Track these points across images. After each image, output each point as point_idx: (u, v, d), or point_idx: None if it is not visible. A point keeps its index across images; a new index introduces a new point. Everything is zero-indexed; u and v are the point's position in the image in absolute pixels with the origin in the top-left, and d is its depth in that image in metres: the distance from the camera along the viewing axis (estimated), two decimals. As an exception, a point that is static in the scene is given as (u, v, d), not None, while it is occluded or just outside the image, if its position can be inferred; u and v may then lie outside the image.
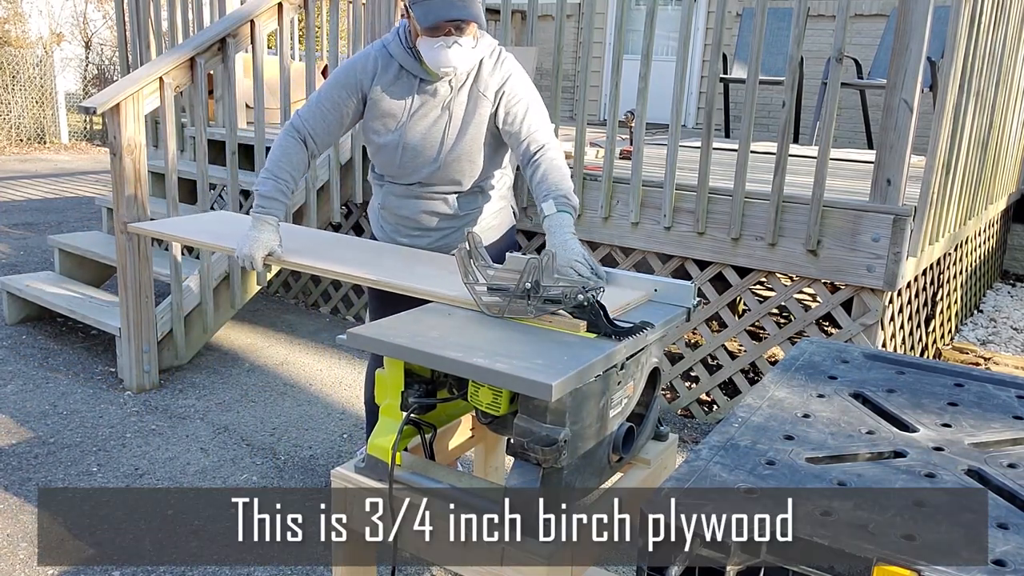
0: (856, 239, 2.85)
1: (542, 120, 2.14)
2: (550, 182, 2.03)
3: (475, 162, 2.17)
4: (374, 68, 2.12)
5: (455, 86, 2.11)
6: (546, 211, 1.99)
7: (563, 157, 2.12)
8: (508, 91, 2.11)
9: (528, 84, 2.16)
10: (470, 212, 2.25)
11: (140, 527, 2.44)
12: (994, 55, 3.52)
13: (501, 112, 2.12)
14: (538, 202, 2.02)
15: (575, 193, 2.09)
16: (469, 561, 1.44)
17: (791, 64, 2.87)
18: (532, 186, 2.07)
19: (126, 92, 3.12)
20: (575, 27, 7.93)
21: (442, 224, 2.25)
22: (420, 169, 2.17)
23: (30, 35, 14.10)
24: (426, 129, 2.13)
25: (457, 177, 2.18)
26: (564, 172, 2.07)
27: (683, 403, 3.41)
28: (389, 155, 2.17)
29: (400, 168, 2.18)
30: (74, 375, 3.54)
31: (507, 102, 2.11)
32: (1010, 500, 1.05)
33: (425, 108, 2.12)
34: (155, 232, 2.22)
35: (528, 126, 2.11)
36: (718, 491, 1.05)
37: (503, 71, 2.12)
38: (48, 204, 7.43)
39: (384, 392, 1.59)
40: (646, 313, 1.69)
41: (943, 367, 1.55)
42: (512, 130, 2.12)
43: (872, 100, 6.50)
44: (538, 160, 2.08)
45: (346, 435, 3.09)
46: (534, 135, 2.11)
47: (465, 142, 2.13)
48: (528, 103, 2.13)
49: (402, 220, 2.27)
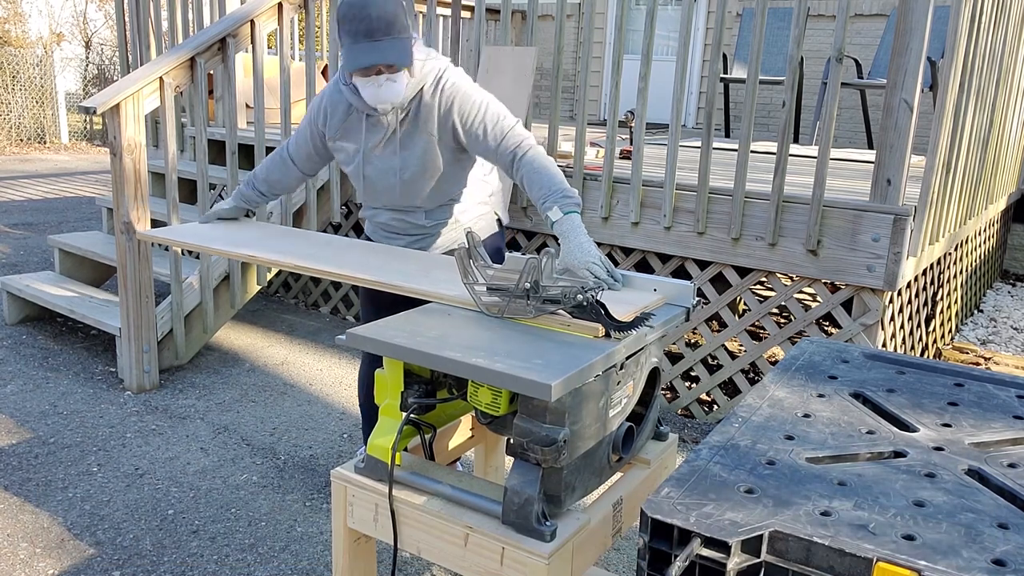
0: (856, 239, 2.85)
1: (505, 123, 2.08)
2: (542, 184, 1.98)
3: (431, 185, 2.18)
4: (325, 110, 2.19)
5: (398, 116, 2.11)
6: (552, 217, 1.94)
7: (542, 150, 2.06)
8: (458, 116, 2.07)
9: (476, 94, 2.09)
10: (440, 222, 2.29)
11: (140, 527, 2.44)
12: (994, 54, 3.52)
13: (462, 136, 2.10)
14: (541, 211, 1.99)
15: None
16: (469, 561, 1.45)
17: (791, 64, 2.87)
18: (526, 191, 2.04)
19: (126, 92, 3.12)
20: (575, 27, 7.93)
21: (413, 231, 2.31)
22: (380, 195, 2.23)
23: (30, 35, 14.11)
24: (378, 160, 2.17)
25: (417, 202, 2.22)
26: (549, 167, 2.01)
27: (683, 403, 3.41)
28: (355, 181, 2.25)
29: (364, 194, 2.27)
30: (74, 375, 3.54)
31: (463, 125, 2.08)
32: (1010, 500, 1.05)
33: (375, 140, 2.14)
34: (168, 240, 2.20)
35: (494, 138, 2.06)
36: (718, 491, 1.05)
37: (445, 97, 2.07)
38: (48, 204, 7.43)
39: (384, 392, 1.59)
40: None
41: (943, 367, 1.55)
42: (482, 148, 2.10)
43: (872, 100, 6.50)
44: (519, 164, 2.04)
45: (346, 435, 3.09)
46: (504, 142, 2.06)
47: (418, 169, 2.14)
48: (483, 116, 2.07)
49: (380, 225, 2.35)
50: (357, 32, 1.93)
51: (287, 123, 3.69)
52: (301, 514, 2.54)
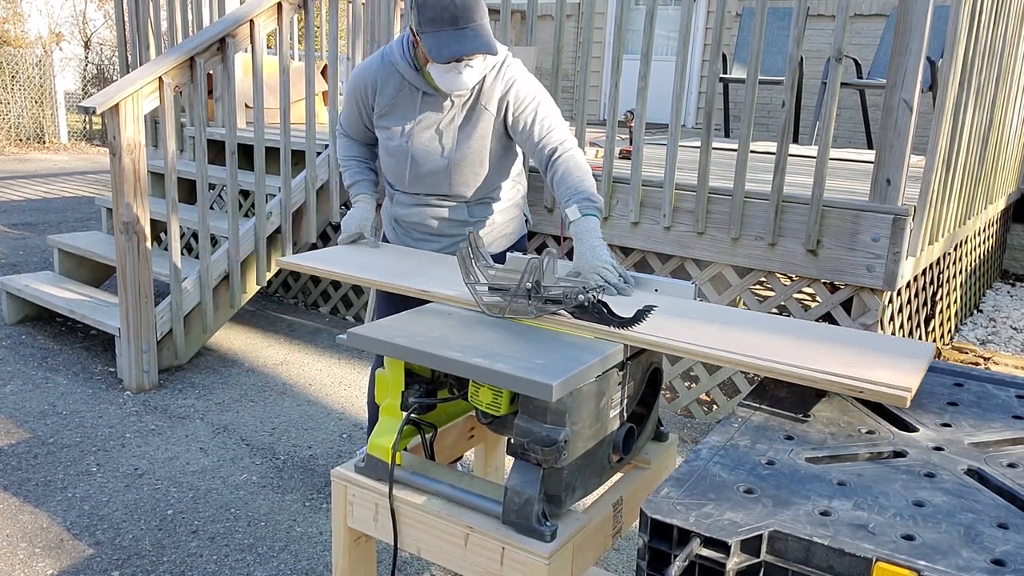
0: (856, 239, 2.85)
1: (554, 120, 2.11)
2: (569, 184, 2.00)
3: (479, 173, 2.15)
4: (374, 83, 2.13)
5: (458, 99, 2.09)
6: (570, 216, 1.96)
7: (581, 155, 2.09)
8: (513, 99, 2.09)
9: (534, 86, 2.13)
10: (481, 220, 2.25)
11: (139, 527, 2.44)
12: (994, 51, 3.53)
13: (510, 120, 2.10)
14: (561, 207, 2.00)
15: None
16: (469, 561, 1.45)
17: (791, 64, 2.87)
18: (553, 189, 2.05)
19: (125, 92, 3.11)
20: (575, 27, 7.93)
21: (451, 231, 2.25)
22: (425, 179, 2.17)
23: (29, 35, 14.11)
24: (429, 140, 2.12)
25: (461, 189, 2.17)
26: (584, 171, 2.04)
27: (683, 403, 3.41)
28: (398, 162, 2.17)
29: (407, 177, 2.18)
30: (73, 375, 3.54)
31: (514, 110, 2.09)
32: (1010, 500, 1.05)
33: (429, 120, 2.11)
34: (306, 267, 2.01)
35: (540, 130, 2.08)
36: (718, 491, 1.05)
37: (506, 79, 2.09)
38: (47, 204, 7.43)
39: (384, 392, 1.59)
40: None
41: (943, 367, 1.55)
42: (524, 137, 2.10)
43: (872, 100, 6.50)
44: (556, 162, 2.06)
45: (346, 435, 3.09)
46: (547, 137, 2.08)
47: (469, 153, 2.12)
48: (536, 107, 2.09)
49: (412, 226, 2.28)
50: (442, 20, 1.89)
51: (286, 123, 3.69)
52: (300, 514, 2.54)
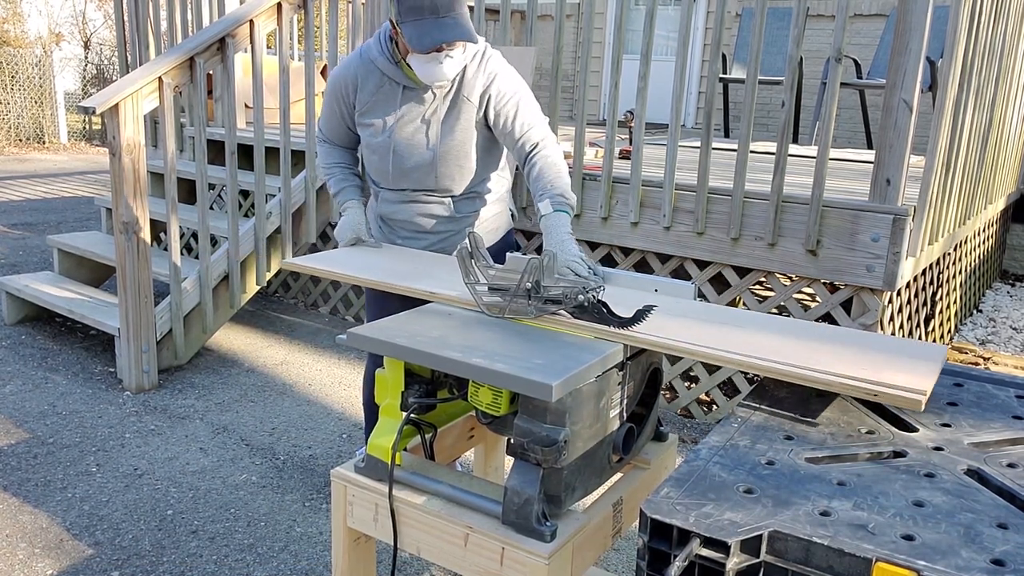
0: (855, 239, 2.85)
1: (534, 117, 2.11)
2: (545, 181, 2.02)
3: (464, 167, 2.15)
4: (354, 80, 2.13)
5: (439, 91, 2.09)
6: (542, 211, 1.99)
7: (560, 153, 2.10)
8: (495, 92, 2.08)
9: (516, 81, 2.12)
10: (468, 215, 2.24)
11: (139, 527, 2.44)
12: (993, 50, 3.53)
13: (491, 114, 2.10)
14: (535, 201, 2.02)
15: (574, 192, 2.08)
16: (469, 561, 1.45)
17: (790, 64, 2.87)
18: (529, 185, 2.07)
19: (125, 92, 3.11)
20: (575, 27, 7.93)
21: (439, 227, 2.24)
22: (410, 173, 2.16)
23: (29, 35, 14.10)
24: (412, 133, 2.11)
25: (447, 183, 2.17)
26: (560, 169, 2.05)
27: (682, 403, 3.41)
28: (381, 158, 2.16)
29: (392, 173, 2.17)
30: (73, 375, 3.54)
31: (496, 103, 2.09)
32: (1010, 500, 1.05)
33: (411, 113, 2.10)
34: (309, 269, 2.00)
35: (520, 125, 2.09)
36: (717, 491, 1.05)
37: (488, 72, 2.09)
38: (47, 204, 7.43)
39: (384, 392, 1.59)
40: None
41: (943, 367, 1.55)
42: (505, 131, 2.10)
43: (872, 100, 6.50)
44: (534, 159, 2.07)
45: (346, 435, 3.09)
46: (528, 134, 2.09)
47: (454, 145, 2.12)
48: (518, 101, 2.09)
49: (399, 224, 2.27)
50: (422, 8, 1.89)
51: (286, 123, 3.69)
52: (300, 514, 2.54)
